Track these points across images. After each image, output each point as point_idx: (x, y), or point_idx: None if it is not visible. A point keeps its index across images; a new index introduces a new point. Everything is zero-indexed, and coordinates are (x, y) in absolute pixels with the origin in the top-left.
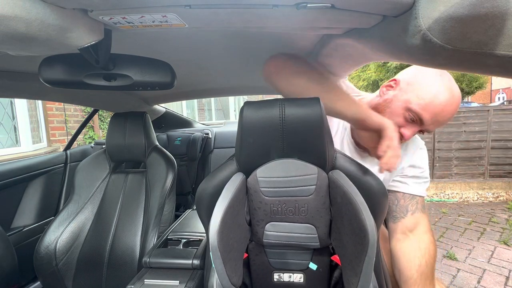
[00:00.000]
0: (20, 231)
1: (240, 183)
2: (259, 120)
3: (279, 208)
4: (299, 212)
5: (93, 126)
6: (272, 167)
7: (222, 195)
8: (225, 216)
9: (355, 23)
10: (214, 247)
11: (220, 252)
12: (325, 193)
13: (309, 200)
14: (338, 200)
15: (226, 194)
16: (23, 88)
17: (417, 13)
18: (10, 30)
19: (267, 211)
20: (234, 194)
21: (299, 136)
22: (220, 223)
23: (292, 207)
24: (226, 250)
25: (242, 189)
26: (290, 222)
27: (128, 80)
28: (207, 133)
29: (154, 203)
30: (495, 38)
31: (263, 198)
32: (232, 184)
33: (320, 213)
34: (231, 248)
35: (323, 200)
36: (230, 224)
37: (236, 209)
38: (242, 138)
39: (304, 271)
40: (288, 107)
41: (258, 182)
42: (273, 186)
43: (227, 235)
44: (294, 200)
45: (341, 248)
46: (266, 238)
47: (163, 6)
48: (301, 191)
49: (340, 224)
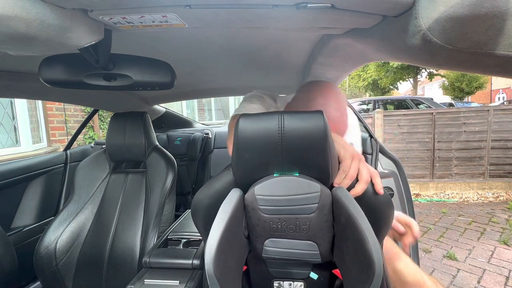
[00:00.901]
0: (20, 231)
1: (237, 201)
2: (256, 134)
3: (279, 226)
4: (300, 229)
5: (93, 126)
6: (271, 185)
7: (217, 217)
8: (221, 241)
9: (355, 23)
10: (211, 275)
11: (217, 279)
12: (328, 211)
13: (311, 218)
14: (342, 221)
15: (222, 215)
16: (23, 88)
17: (417, 13)
18: (10, 30)
19: (266, 228)
20: (230, 215)
21: (300, 151)
22: (216, 249)
23: (292, 225)
24: (223, 275)
25: (239, 207)
26: (291, 239)
27: (128, 80)
28: (207, 133)
29: (154, 203)
30: (495, 38)
31: (261, 215)
32: (229, 203)
33: (323, 230)
34: (228, 271)
35: (325, 218)
36: (227, 247)
37: (233, 229)
38: (237, 153)
39: (304, 280)
40: (288, 120)
41: (256, 200)
42: (272, 205)
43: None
44: (295, 218)
45: (343, 266)
46: (265, 253)
47: (163, 6)
48: (302, 209)
49: (343, 244)
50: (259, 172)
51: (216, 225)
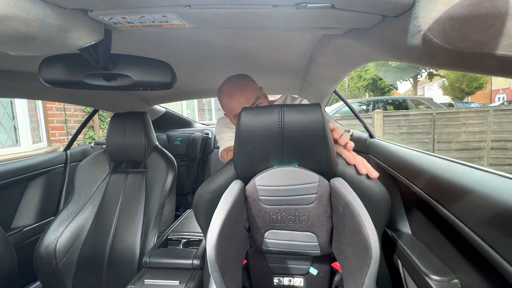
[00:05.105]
0: (20, 231)
1: (238, 192)
2: (257, 127)
3: (279, 217)
4: (300, 220)
5: (93, 126)
6: (271, 175)
7: (219, 206)
8: (222, 228)
9: (355, 23)
10: (212, 261)
11: (218, 266)
12: (327, 201)
13: (310, 208)
14: (340, 210)
15: (224, 204)
16: (23, 88)
17: (417, 13)
18: (10, 30)
19: (267, 219)
20: (232, 205)
21: (299, 143)
22: (218, 236)
23: (292, 216)
24: (224, 263)
25: (240, 197)
26: (290, 230)
27: (128, 80)
28: (207, 133)
29: (154, 203)
30: (495, 38)
31: (262, 206)
32: (230, 193)
33: (321, 221)
34: (229, 260)
35: (324, 208)
36: (228, 235)
37: (234, 219)
38: (239, 145)
39: (304, 276)
40: (288, 113)
41: (257, 191)
42: (272, 195)
43: (225, 247)
44: (294, 208)
45: (342, 257)
46: (265, 245)
47: (163, 6)
48: (301, 199)
49: (341, 234)
50: (260, 164)
51: (218, 213)
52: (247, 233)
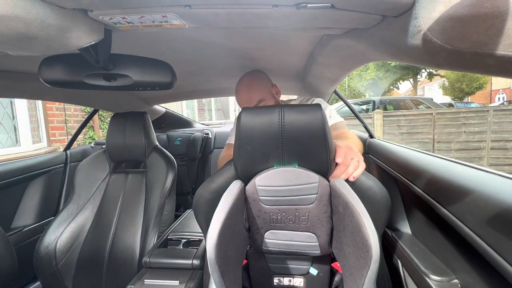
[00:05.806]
0: (20, 231)
1: (238, 192)
2: (257, 127)
3: (279, 217)
4: (300, 220)
5: (93, 126)
6: (271, 176)
7: (219, 206)
8: (222, 229)
9: (355, 23)
10: (212, 261)
11: (218, 266)
12: (327, 202)
13: (310, 208)
14: (340, 210)
15: (224, 204)
16: (23, 88)
17: (417, 13)
18: (10, 30)
19: (267, 219)
20: (232, 205)
21: (299, 143)
22: (218, 236)
23: (292, 216)
24: (224, 263)
25: (240, 197)
26: (290, 230)
27: (128, 80)
28: (207, 133)
29: (154, 203)
30: (495, 38)
31: (262, 206)
32: (230, 193)
33: (321, 221)
34: (229, 260)
35: (324, 209)
36: (228, 235)
37: (234, 219)
38: (239, 145)
39: (304, 276)
40: (288, 113)
41: (257, 191)
42: (272, 195)
43: (225, 247)
44: (294, 208)
45: (342, 257)
46: (265, 246)
47: (163, 6)
48: (302, 200)
49: (342, 234)
50: (260, 164)
51: (218, 214)
52: (247, 233)
